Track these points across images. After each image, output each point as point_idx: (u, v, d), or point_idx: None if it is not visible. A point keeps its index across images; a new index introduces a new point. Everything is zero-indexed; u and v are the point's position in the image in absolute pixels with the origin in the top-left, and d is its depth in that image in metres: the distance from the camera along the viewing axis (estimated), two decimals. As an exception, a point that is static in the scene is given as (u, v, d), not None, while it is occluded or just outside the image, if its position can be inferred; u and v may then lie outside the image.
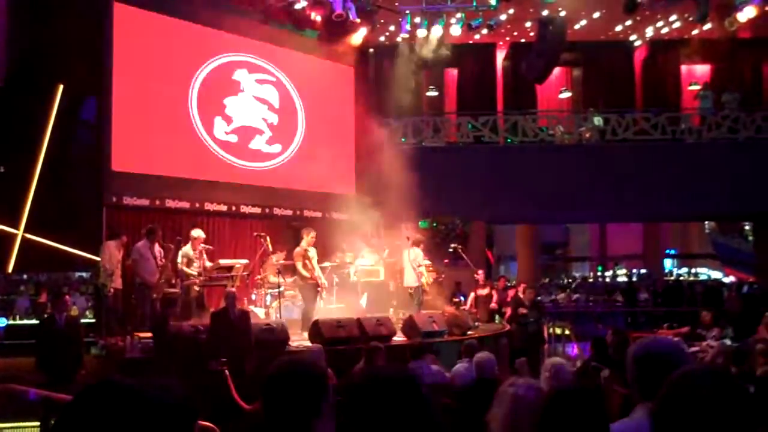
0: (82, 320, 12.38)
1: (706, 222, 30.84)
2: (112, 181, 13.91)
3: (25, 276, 13.81)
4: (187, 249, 12.79)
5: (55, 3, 13.97)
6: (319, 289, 13.58)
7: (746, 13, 17.93)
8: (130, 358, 10.63)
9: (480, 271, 17.26)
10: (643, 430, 1.90)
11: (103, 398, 1.56)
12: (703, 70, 24.36)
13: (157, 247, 12.56)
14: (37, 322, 12.44)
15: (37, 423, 7.57)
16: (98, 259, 12.65)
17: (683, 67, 24.45)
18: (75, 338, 9.80)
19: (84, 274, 13.92)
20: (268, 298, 14.00)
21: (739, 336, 13.05)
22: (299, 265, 13.34)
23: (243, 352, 9.96)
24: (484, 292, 16.81)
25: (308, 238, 13.61)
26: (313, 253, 13.56)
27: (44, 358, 9.47)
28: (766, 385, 7.86)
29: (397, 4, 19.26)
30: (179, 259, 12.71)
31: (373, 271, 15.55)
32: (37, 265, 13.57)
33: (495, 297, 16.72)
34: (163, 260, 12.51)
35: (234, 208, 15.83)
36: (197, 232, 13.06)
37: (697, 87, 23.05)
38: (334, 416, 2.29)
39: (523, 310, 15.01)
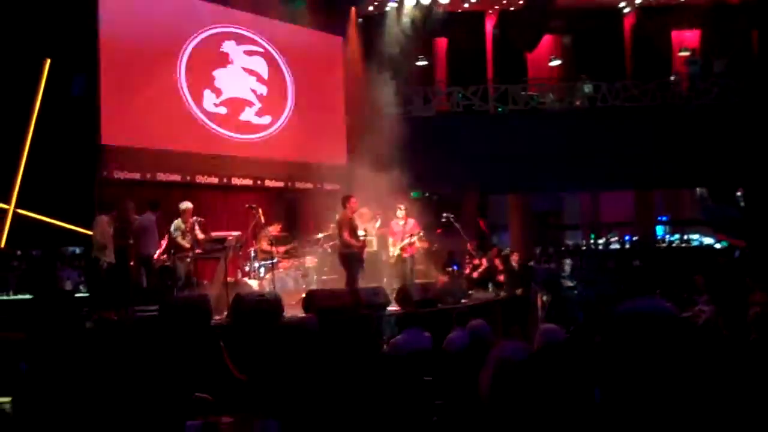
0: (76, 295, 12.42)
1: (698, 188, 30.86)
2: (103, 155, 13.90)
3: (18, 252, 13.78)
4: (178, 222, 12.83)
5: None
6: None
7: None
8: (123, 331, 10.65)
9: (470, 244, 17.35)
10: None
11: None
12: (692, 35, 24.29)
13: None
14: (30, 297, 12.44)
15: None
16: (91, 233, 12.65)
17: (673, 33, 24.38)
18: (68, 312, 9.82)
19: (77, 249, 13.90)
20: (262, 270, 14.02)
21: (731, 301, 13.12)
22: (345, 234, 13.32)
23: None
24: (477, 262, 16.92)
25: (350, 205, 13.54)
26: (356, 221, 13.63)
27: (36, 333, 9.48)
28: (759, 349, 7.91)
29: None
30: (174, 233, 12.75)
31: (365, 242, 15.56)
32: (30, 240, 13.55)
33: (483, 266, 16.80)
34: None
35: (225, 181, 15.84)
36: (186, 205, 13.06)
37: (687, 53, 23.00)
38: None
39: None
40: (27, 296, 12.69)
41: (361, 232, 14.71)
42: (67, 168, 13.46)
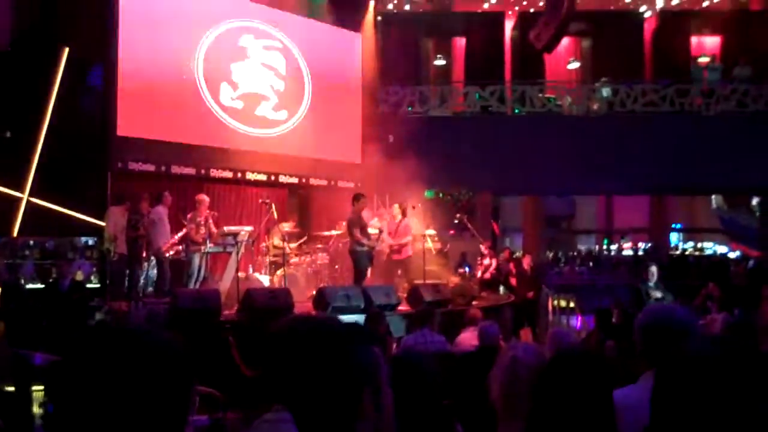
0: (87, 285, 12.43)
1: (713, 196, 30.70)
2: (118, 146, 13.89)
3: (30, 241, 13.79)
4: (193, 214, 12.84)
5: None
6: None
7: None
8: (134, 323, 10.63)
9: (484, 244, 17.26)
10: (647, 395, 1.86)
11: (104, 340, 1.55)
12: (713, 41, 24.16)
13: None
14: (42, 286, 12.46)
15: (42, 387, 7.56)
16: (103, 224, 12.66)
17: (693, 39, 24.26)
18: (79, 302, 9.82)
19: (89, 240, 13.91)
20: (273, 266, 13.99)
21: (745, 310, 12.99)
22: (357, 232, 13.33)
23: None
24: (487, 262, 16.83)
25: (359, 204, 13.59)
26: (366, 220, 13.70)
27: (49, 322, 9.48)
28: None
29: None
30: (189, 225, 12.77)
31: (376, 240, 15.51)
32: (42, 229, 13.56)
33: (493, 267, 16.72)
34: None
35: (239, 175, 15.78)
36: (202, 197, 13.10)
37: (707, 59, 22.87)
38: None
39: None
40: (39, 285, 12.71)
41: (374, 230, 14.68)
42: (81, 158, 13.46)
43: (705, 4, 22.74)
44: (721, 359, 1.87)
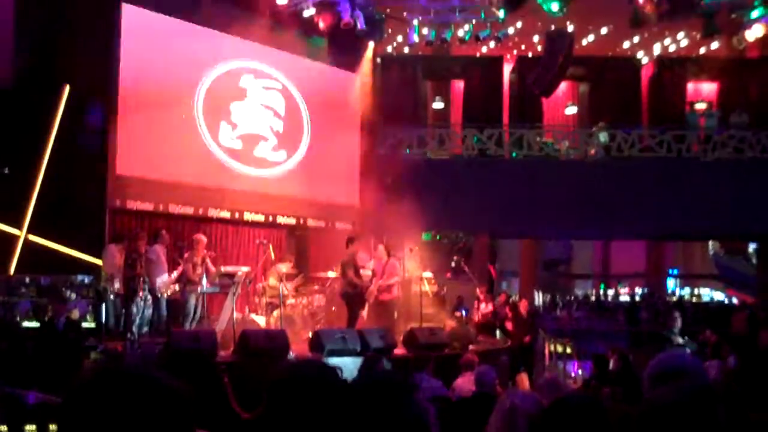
0: (83, 324, 12.37)
1: (710, 242, 30.76)
2: (117, 184, 13.91)
3: (27, 278, 13.73)
4: (190, 255, 12.83)
5: (63, 4, 13.96)
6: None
7: (754, 32, 17.88)
8: (129, 363, 10.58)
9: (481, 288, 17.25)
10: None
11: (109, 382, 1.56)
12: (710, 88, 24.32)
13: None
14: (38, 324, 12.39)
15: (34, 427, 7.49)
16: (100, 262, 12.64)
17: (690, 85, 24.41)
18: (74, 341, 9.77)
19: (86, 278, 13.86)
20: (270, 306, 13.95)
21: (744, 357, 12.94)
22: (351, 273, 13.41)
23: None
24: (483, 307, 16.82)
25: (353, 246, 13.83)
26: (363, 261, 13.91)
27: (43, 361, 9.42)
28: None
29: (405, 14, 19.25)
30: (185, 265, 12.75)
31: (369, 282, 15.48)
32: (39, 267, 13.50)
33: (489, 311, 16.71)
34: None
35: (237, 215, 15.79)
36: (200, 237, 13.11)
37: (703, 106, 23.00)
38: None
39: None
40: (35, 323, 12.64)
41: (368, 272, 14.68)
42: (80, 196, 13.45)
43: (702, 51, 22.89)
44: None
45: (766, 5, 17.26)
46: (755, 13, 17.67)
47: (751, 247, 27.72)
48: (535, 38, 21.95)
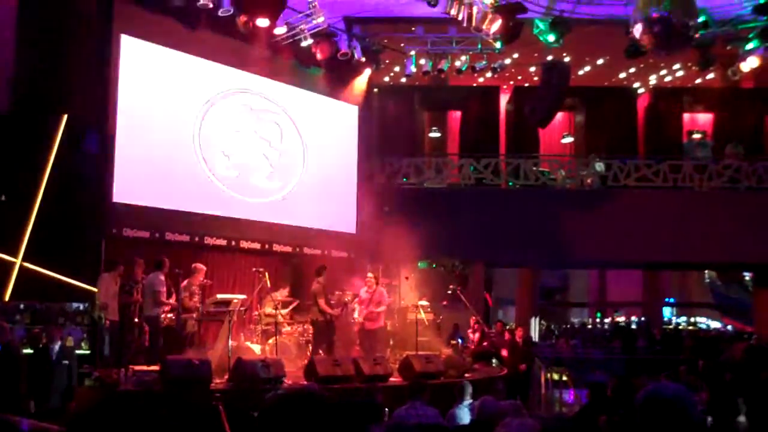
0: (77, 351, 12.33)
1: (706, 271, 30.79)
2: (113, 212, 13.92)
3: (21, 305, 13.69)
4: (188, 282, 12.83)
5: (62, 34, 14.02)
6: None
7: (749, 63, 18.00)
8: (124, 391, 10.56)
9: (473, 317, 17.28)
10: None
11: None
12: (705, 118, 24.45)
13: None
14: (32, 351, 12.35)
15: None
16: (96, 290, 12.62)
17: (686, 116, 24.55)
18: (68, 369, 9.76)
19: (81, 305, 13.83)
20: (265, 335, 13.94)
21: (739, 386, 12.92)
22: (322, 302, 13.65)
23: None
24: (474, 336, 16.89)
25: (324, 275, 14.25)
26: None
27: (37, 388, 9.39)
28: None
29: (402, 45, 19.37)
30: (182, 293, 12.73)
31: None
32: (34, 294, 13.46)
33: (476, 339, 16.81)
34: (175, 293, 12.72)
35: (233, 243, 15.79)
36: (199, 266, 13.15)
37: (699, 135, 23.12)
38: None
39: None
40: (29, 350, 12.60)
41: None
42: (76, 223, 13.45)
43: (697, 81, 23.07)
44: None
45: (761, 37, 17.37)
46: (750, 45, 17.79)
47: (747, 275, 27.74)
48: (532, 69, 22.13)
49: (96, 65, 14.08)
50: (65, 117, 13.80)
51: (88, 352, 13.10)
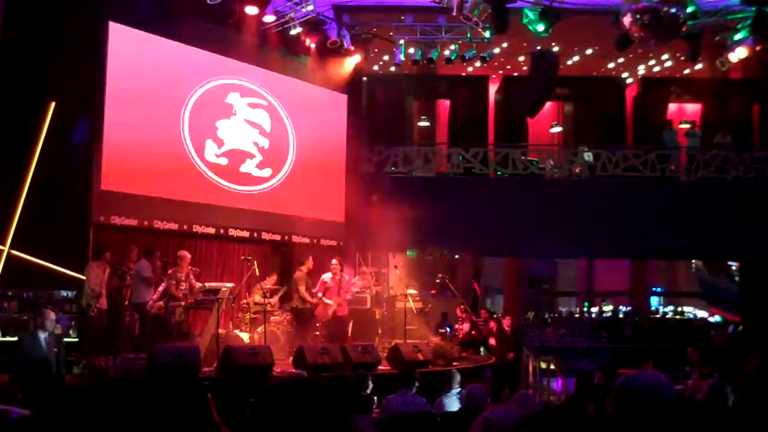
0: (66, 339, 12.32)
1: (693, 261, 30.88)
2: (101, 200, 13.88)
3: (9, 293, 13.68)
4: (174, 270, 12.83)
5: (51, 20, 13.95)
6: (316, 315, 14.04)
7: (737, 54, 18.01)
8: (112, 378, 10.57)
9: (460, 306, 17.33)
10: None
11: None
12: (693, 108, 24.49)
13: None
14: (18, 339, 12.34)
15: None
16: (84, 278, 12.60)
17: (673, 106, 24.58)
18: (56, 357, 9.75)
19: (69, 293, 13.82)
20: (254, 323, 13.95)
21: (725, 376, 12.98)
22: (302, 289, 13.70)
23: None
24: (461, 325, 16.95)
25: (309, 263, 14.41)
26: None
27: (23, 375, 9.37)
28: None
29: (391, 33, 19.34)
30: (169, 281, 12.74)
31: (360, 299, 15.51)
32: (22, 282, 13.46)
33: (466, 329, 16.82)
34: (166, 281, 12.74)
35: (222, 231, 15.78)
36: (184, 254, 13.12)
37: (687, 125, 23.16)
38: None
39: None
40: (13, 338, 12.58)
41: (355, 288, 14.78)
42: (64, 211, 13.41)
43: (686, 71, 23.11)
44: None
45: (749, 28, 17.39)
46: (738, 36, 17.80)
47: (734, 265, 27.84)
48: (521, 58, 22.12)
49: (84, 52, 14.00)
50: (53, 104, 13.76)
51: (76, 339, 13.10)
